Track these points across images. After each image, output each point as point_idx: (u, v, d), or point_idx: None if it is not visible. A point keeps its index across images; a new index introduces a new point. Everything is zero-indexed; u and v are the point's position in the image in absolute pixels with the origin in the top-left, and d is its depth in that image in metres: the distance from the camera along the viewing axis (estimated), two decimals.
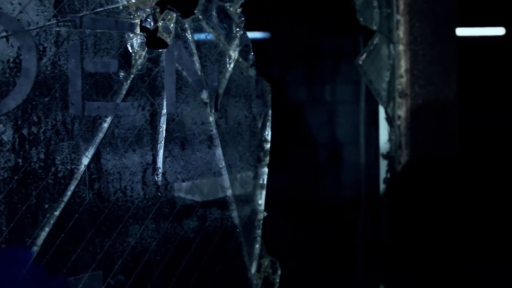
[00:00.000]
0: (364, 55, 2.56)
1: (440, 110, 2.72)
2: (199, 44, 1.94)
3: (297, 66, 4.71)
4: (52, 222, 1.61)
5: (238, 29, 2.03)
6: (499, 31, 5.71)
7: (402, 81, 2.63)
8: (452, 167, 2.83)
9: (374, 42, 2.60)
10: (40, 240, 1.59)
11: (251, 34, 2.10)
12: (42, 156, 1.60)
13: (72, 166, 1.65)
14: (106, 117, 1.72)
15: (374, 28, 2.59)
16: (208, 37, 1.97)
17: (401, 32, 2.63)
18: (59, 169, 1.63)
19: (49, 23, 1.60)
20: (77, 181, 1.66)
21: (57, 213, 1.62)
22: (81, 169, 1.67)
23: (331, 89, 4.70)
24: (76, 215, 1.66)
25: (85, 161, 1.68)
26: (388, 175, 2.69)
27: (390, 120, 2.66)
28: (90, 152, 1.69)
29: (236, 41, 2.03)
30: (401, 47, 2.63)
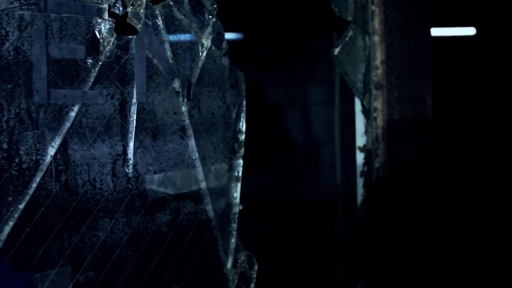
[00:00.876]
0: (340, 47, 2.53)
1: (416, 102, 2.69)
2: (170, 31, 1.87)
3: (272, 65, 4.67)
4: (16, 216, 1.52)
5: (210, 16, 1.97)
6: (470, 31, 5.74)
7: (378, 73, 2.60)
8: (432, 167, 2.81)
9: (349, 33, 2.56)
10: (3, 235, 1.50)
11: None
12: (5, 146, 1.51)
13: (38, 157, 1.57)
14: (73, 105, 1.64)
15: (349, 18, 2.55)
16: (179, 24, 1.90)
17: (376, 23, 2.60)
18: (23, 160, 1.54)
19: (12, 6, 1.52)
20: (42, 173, 1.58)
21: (21, 206, 1.53)
22: (47, 160, 1.59)
23: (306, 88, 4.66)
24: (42, 209, 1.57)
25: (51, 151, 1.60)
26: (365, 168, 2.64)
27: (366, 112, 2.62)
28: (56, 142, 1.61)
29: (209, 29, 1.96)
30: (376, 38, 2.59)
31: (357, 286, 2.99)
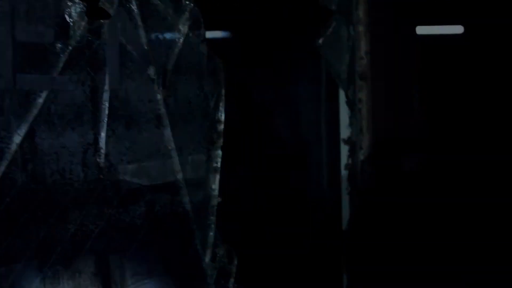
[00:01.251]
0: (324, 37, 2.48)
1: (402, 93, 2.65)
2: (145, 16, 1.81)
3: (258, 61, 4.62)
4: None
5: (187, 1, 1.90)
6: (458, 29, 5.72)
7: (363, 63, 2.55)
8: (418, 161, 2.76)
9: (333, 23, 2.51)
10: None
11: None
12: None
13: (2, 145, 1.50)
14: (41, 91, 1.57)
15: (333, 8, 2.50)
16: (155, 9, 1.84)
17: (360, 13, 2.55)
18: None
19: None
20: (7, 162, 1.50)
21: None
22: (13, 148, 1.51)
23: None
24: (7, 199, 1.50)
25: (17, 139, 1.52)
26: (350, 161, 2.59)
27: (350, 104, 2.57)
28: (22, 130, 1.53)
29: (186, 15, 1.90)
30: (361, 28, 2.54)
31: (344, 285, 2.94)
